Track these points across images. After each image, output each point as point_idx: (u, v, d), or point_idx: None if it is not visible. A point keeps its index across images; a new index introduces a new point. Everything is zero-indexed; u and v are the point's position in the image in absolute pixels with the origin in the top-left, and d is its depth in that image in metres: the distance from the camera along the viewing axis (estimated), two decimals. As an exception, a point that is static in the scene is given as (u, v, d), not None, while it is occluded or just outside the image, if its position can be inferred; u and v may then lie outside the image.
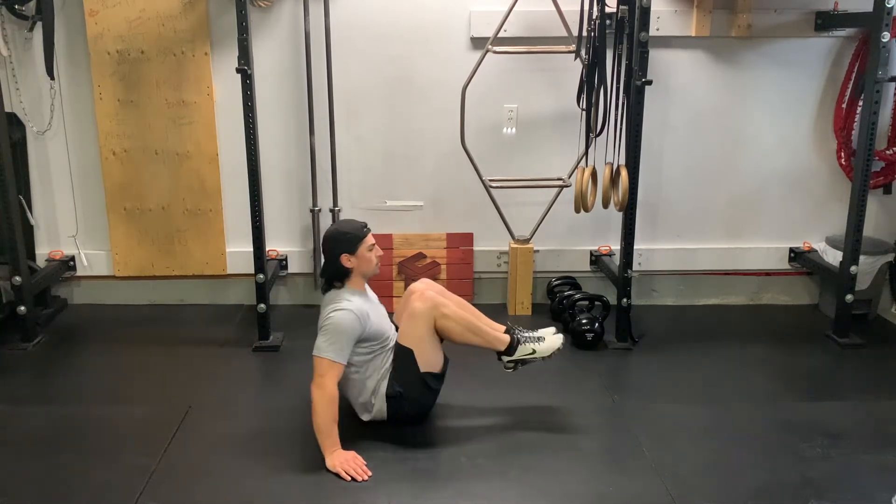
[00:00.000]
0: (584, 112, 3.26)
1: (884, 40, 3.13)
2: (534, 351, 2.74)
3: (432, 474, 2.48)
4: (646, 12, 3.07)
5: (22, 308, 3.36)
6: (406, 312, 2.69)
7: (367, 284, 2.81)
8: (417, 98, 3.68)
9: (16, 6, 3.40)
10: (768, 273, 3.97)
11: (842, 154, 3.76)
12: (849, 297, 3.43)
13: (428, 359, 2.67)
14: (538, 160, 3.76)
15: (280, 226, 3.78)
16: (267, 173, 3.54)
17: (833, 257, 3.65)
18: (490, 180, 3.64)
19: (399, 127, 3.72)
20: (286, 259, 3.83)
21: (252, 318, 3.47)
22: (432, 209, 3.84)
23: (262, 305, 3.37)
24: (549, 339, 2.77)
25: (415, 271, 3.83)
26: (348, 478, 2.41)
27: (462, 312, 2.71)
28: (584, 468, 2.52)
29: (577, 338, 3.40)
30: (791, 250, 3.90)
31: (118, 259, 3.79)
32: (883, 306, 3.83)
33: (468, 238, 3.86)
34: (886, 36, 3.13)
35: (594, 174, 3.24)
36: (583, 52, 3.28)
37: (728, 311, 3.92)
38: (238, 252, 3.77)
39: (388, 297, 3.83)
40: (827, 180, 3.84)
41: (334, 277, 2.69)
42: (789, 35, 3.62)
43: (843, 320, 3.48)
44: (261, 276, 3.33)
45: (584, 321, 3.43)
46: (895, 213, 3.86)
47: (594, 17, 3.10)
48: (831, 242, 3.76)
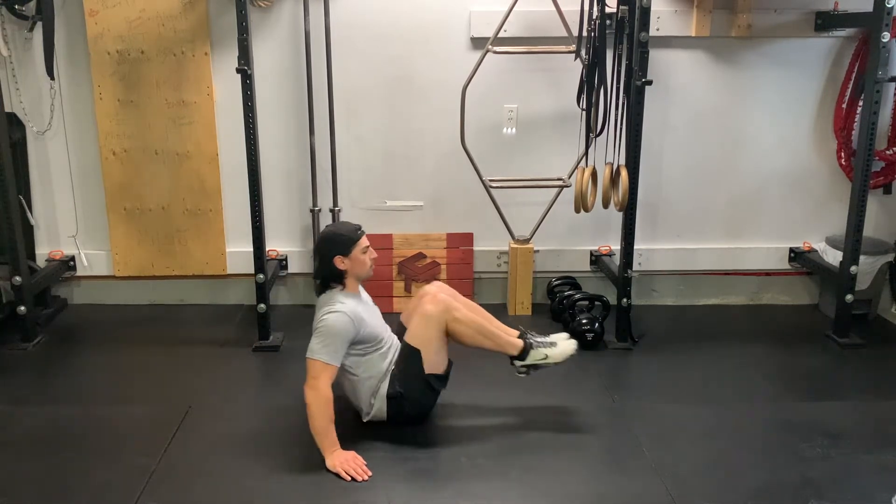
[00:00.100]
0: (584, 112, 3.26)
1: (884, 40, 3.13)
2: (546, 356, 2.74)
3: (432, 474, 2.48)
4: (646, 12, 3.07)
5: (22, 308, 3.36)
6: (417, 313, 2.68)
7: (362, 286, 2.80)
8: (417, 98, 3.68)
9: (16, 6, 3.40)
10: (768, 273, 3.97)
11: (842, 154, 3.76)
12: (849, 297, 3.43)
13: (433, 361, 2.67)
14: (538, 160, 3.76)
15: (280, 226, 3.78)
16: (267, 173, 3.54)
17: (833, 257, 3.65)
18: (490, 180, 3.64)
19: (399, 127, 3.72)
20: (286, 259, 3.83)
21: (252, 318, 3.47)
22: (432, 209, 3.84)
23: (262, 305, 3.37)
24: (562, 345, 2.77)
25: (415, 271, 3.83)
26: (348, 478, 2.41)
27: (474, 316, 2.71)
28: (585, 468, 2.52)
29: (577, 338, 3.36)
30: (791, 250, 3.91)
31: (118, 259, 3.79)
32: (883, 306, 3.83)
33: (468, 238, 3.86)
34: (886, 36, 3.13)
35: (594, 174, 3.24)
36: (583, 52, 3.28)
37: (728, 311, 3.92)
38: (238, 252, 3.77)
39: (388, 297, 3.84)
40: (827, 180, 3.84)
41: (328, 279, 2.68)
42: (789, 35, 3.62)
43: (843, 320, 3.48)
44: (261, 276, 3.33)
45: (584, 321, 3.43)
46: (895, 213, 3.86)
47: (594, 17, 3.10)
48: (831, 242, 3.76)
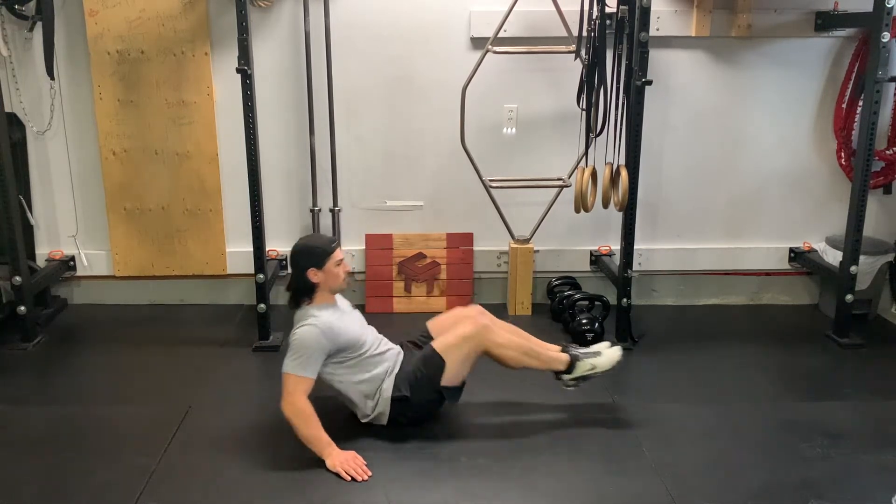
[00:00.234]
0: (584, 112, 3.25)
1: (884, 40, 3.13)
2: (593, 367, 2.74)
3: (432, 474, 2.48)
4: (646, 12, 3.07)
5: (22, 308, 3.36)
6: (455, 331, 2.67)
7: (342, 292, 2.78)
8: (417, 98, 3.68)
9: (16, 6, 3.40)
10: (768, 273, 3.97)
11: (842, 154, 3.76)
12: (849, 297, 3.43)
13: (452, 375, 2.66)
14: (538, 160, 3.76)
15: (280, 226, 3.78)
16: (267, 173, 3.54)
17: (833, 257, 3.65)
18: (490, 180, 3.64)
19: (399, 127, 3.72)
20: (286, 259, 3.83)
21: (252, 318, 3.47)
22: (432, 209, 3.84)
23: (262, 305, 3.37)
24: (607, 353, 2.78)
25: (415, 271, 3.83)
26: (348, 478, 2.41)
27: (516, 339, 2.72)
28: (585, 468, 2.52)
29: (577, 338, 3.40)
30: (791, 250, 3.90)
31: (118, 259, 3.79)
32: (883, 306, 3.83)
33: (468, 238, 3.86)
34: (886, 36, 3.13)
35: (594, 174, 3.24)
36: (583, 52, 3.28)
37: (728, 311, 3.92)
38: (238, 252, 3.77)
39: (388, 297, 3.84)
40: (827, 180, 3.84)
41: (300, 292, 2.67)
42: (789, 35, 3.62)
43: (843, 320, 3.48)
44: (261, 276, 3.33)
45: (584, 321, 3.43)
46: (895, 213, 3.86)
47: (594, 17, 3.10)
48: (831, 242, 3.76)
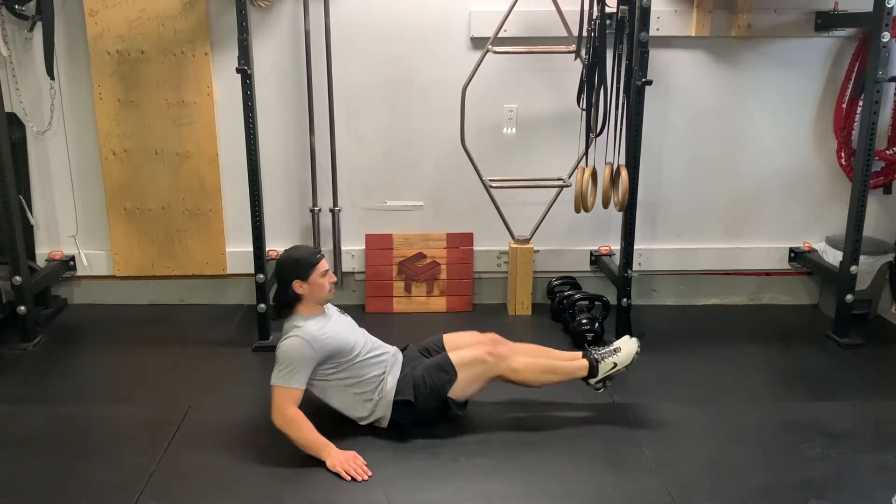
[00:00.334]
0: (584, 112, 3.25)
1: (884, 40, 3.13)
2: (615, 364, 2.76)
3: (432, 474, 2.47)
4: (646, 12, 3.07)
5: (22, 308, 3.36)
6: (472, 350, 2.69)
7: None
8: (417, 98, 3.68)
9: (16, 6, 3.39)
10: (768, 273, 3.97)
11: (842, 154, 3.76)
12: (849, 297, 3.43)
13: (461, 392, 2.67)
14: (538, 160, 3.76)
15: (280, 226, 3.78)
16: (267, 173, 3.54)
17: (833, 257, 3.65)
18: (490, 180, 3.64)
19: (399, 127, 3.72)
20: (286, 259, 3.83)
21: (252, 318, 3.47)
22: (432, 209, 3.84)
23: (262, 305, 3.37)
24: (626, 347, 2.79)
25: (415, 271, 3.83)
26: (348, 478, 2.41)
27: (533, 360, 2.73)
28: (584, 468, 2.52)
29: (577, 338, 3.40)
30: (791, 250, 3.90)
31: (118, 259, 3.79)
32: (883, 306, 3.83)
33: (468, 238, 3.86)
34: (886, 36, 3.13)
35: (594, 174, 3.24)
36: (583, 52, 3.28)
37: (728, 311, 3.92)
38: (238, 252, 3.77)
39: (388, 297, 3.84)
40: (827, 180, 3.84)
41: (285, 304, 2.68)
42: (789, 35, 3.62)
43: (843, 320, 3.48)
44: (261, 276, 3.33)
45: (584, 321, 3.43)
46: (895, 213, 3.86)
47: (594, 17, 3.10)
48: (831, 242, 3.76)
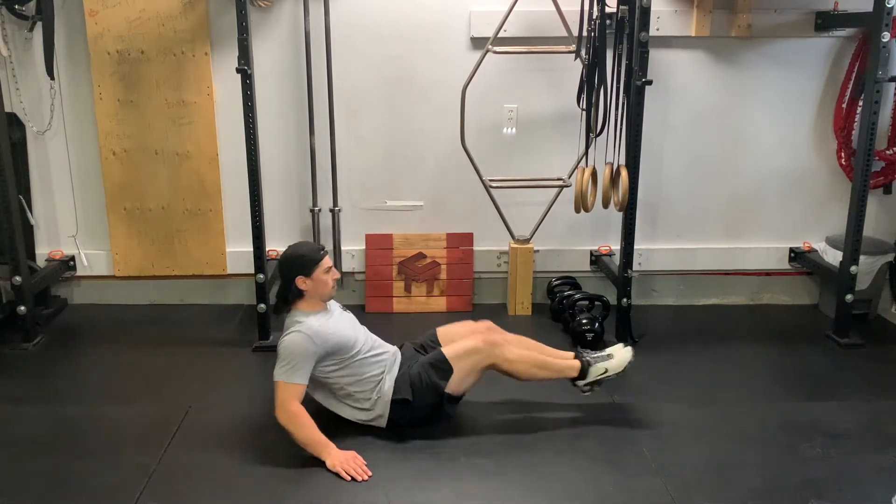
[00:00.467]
0: (584, 112, 3.25)
1: (884, 40, 3.13)
2: (606, 370, 2.75)
3: (432, 474, 2.47)
4: (646, 12, 3.07)
5: (22, 308, 3.36)
6: (465, 341, 2.69)
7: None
8: (417, 98, 3.68)
9: (16, 6, 3.39)
10: (768, 273, 3.97)
11: (842, 154, 3.76)
12: (849, 297, 3.43)
13: (458, 385, 2.67)
14: (538, 160, 3.76)
15: (280, 226, 3.78)
16: (267, 173, 3.54)
17: (833, 257, 3.65)
18: (490, 180, 3.64)
19: (399, 127, 3.72)
20: (286, 259, 3.83)
21: (252, 318, 3.47)
22: (432, 209, 3.84)
23: (262, 305, 3.37)
24: (619, 355, 2.79)
25: (415, 271, 3.83)
26: (348, 478, 2.41)
27: (526, 352, 2.73)
28: (584, 468, 2.52)
29: (577, 338, 3.40)
30: (791, 250, 3.90)
31: (118, 259, 3.79)
32: (883, 306, 3.82)
33: (468, 238, 3.86)
34: (886, 36, 3.13)
35: (594, 174, 3.24)
36: (583, 52, 3.28)
37: (728, 311, 3.92)
38: (238, 252, 3.77)
39: (388, 297, 3.84)
40: (827, 180, 3.84)
41: (288, 300, 2.68)
42: (789, 35, 3.62)
43: (843, 320, 3.48)
44: (261, 276, 3.33)
45: (584, 321, 3.43)
46: (895, 213, 3.86)
47: (594, 17, 3.10)
48: (831, 242, 3.76)
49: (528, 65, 3.61)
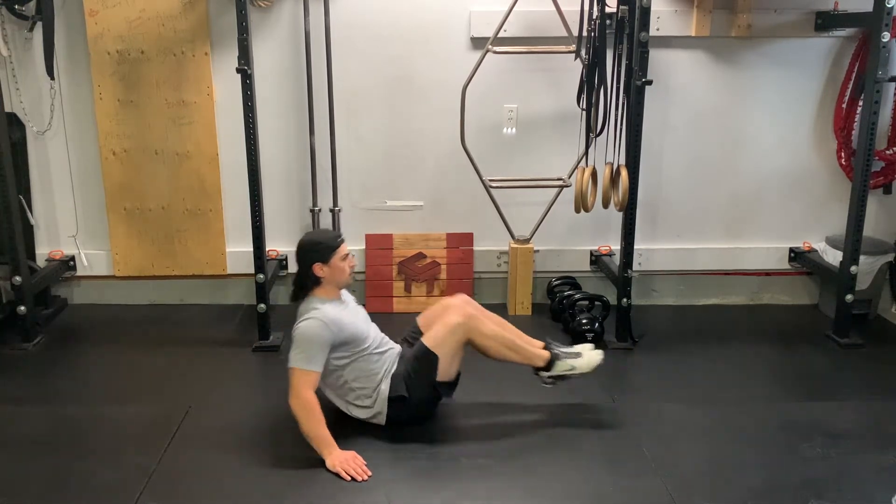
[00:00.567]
0: (584, 112, 3.26)
1: (884, 40, 3.13)
2: (573, 367, 2.76)
3: (432, 474, 2.48)
4: (646, 12, 3.07)
5: (22, 308, 3.36)
6: (442, 321, 2.68)
7: (345, 289, 2.79)
8: (417, 98, 3.68)
9: (16, 6, 3.40)
10: (768, 273, 3.97)
11: (842, 154, 3.76)
12: (849, 297, 3.43)
13: (446, 369, 2.67)
14: (538, 160, 3.76)
15: (280, 226, 3.78)
16: (267, 173, 3.54)
17: (833, 257, 3.65)
18: (490, 180, 3.64)
19: (399, 127, 3.72)
20: (286, 259, 3.83)
21: (252, 318, 3.47)
22: (432, 209, 3.84)
23: (262, 305, 3.37)
24: (588, 355, 2.79)
25: (415, 271, 3.83)
26: (348, 478, 2.41)
27: (500, 330, 2.73)
28: (585, 468, 2.52)
29: (577, 338, 3.40)
30: (791, 250, 3.91)
31: (118, 259, 3.79)
32: (883, 306, 3.82)
33: (468, 238, 3.86)
34: (886, 36, 3.13)
35: (594, 174, 3.24)
36: (583, 52, 3.28)
37: (728, 311, 3.92)
38: (238, 252, 3.77)
39: (388, 297, 3.84)
40: (827, 180, 3.84)
41: (305, 287, 2.68)
42: (789, 35, 3.62)
43: (843, 320, 3.48)
44: (261, 276, 3.33)
45: (584, 321, 3.43)
46: (895, 213, 3.86)
47: (594, 17, 3.10)
48: (831, 242, 3.76)
49: (528, 65, 3.61)
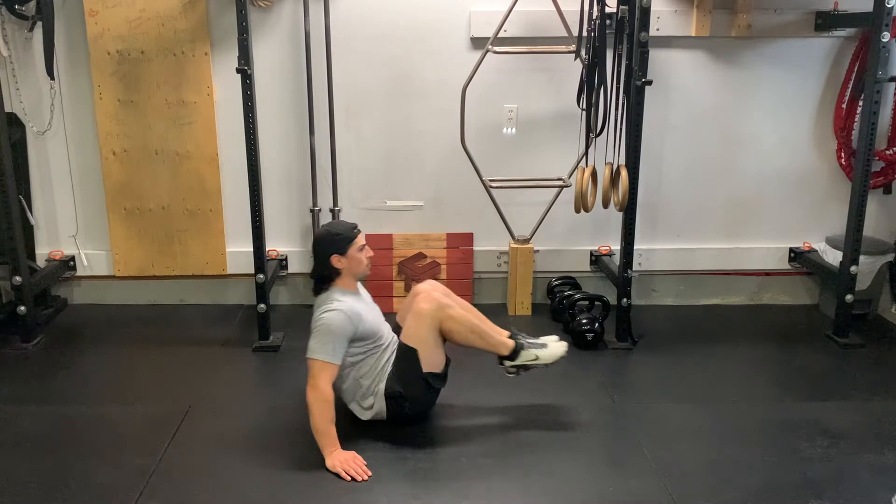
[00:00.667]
0: (584, 112, 3.26)
1: (884, 40, 3.13)
2: (537, 357, 2.75)
3: (432, 474, 2.48)
4: (646, 12, 3.07)
5: (22, 308, 3.36)
6: (411, 312, 2.69)
7: (362, 283, 2.81)
8: (417, 98, 3.68)
9: (16, 6, 3.40)
10: (768, 273, 3.97)
11: (842, 154, 3.76)
12: (849, 297, 3.43)
13: (431, 359, 2.67)
14: (538, 160, 3.76)
15: (280, 226, 3.78)
16: (267, 173, 3.54)
17: (833, 257, 3.65)
18: (490, 180, 3.64)
19: (399, 127, 3.72)
20: (286, 259, 3.84)
21: (252, 318, 3.47)
22: (432, 209, 3.84)
23: (262, 305, 3.37)
24: (553, 347, 2.78)
25: (415, 271, 3.83)
26: (348, 478, 2.41)
27: (467, 315, 2.72)
28: (584, 468, 2.52)
29: (577, 338, 3.40)
30: (791, 250, 3.91)
31: (118, 259, 3.79)
32: (883, 306, 3.83)
33: (468, 238, 3.86)
34: (886, 36, 3.13)
35: (594, 174, 3.24)
36: (583, 52, 3.28)
37: (728, 311, 3.92)
38: (238, 252, 3.77)
39: (388, 297, 3.84)
40: (827, 180, 3.84)
41: (324, 278, 2.69)
42: (789, 35, 3.62)
43: (843, 320, 3.48)
44: (261, 276, 3.33)
45: (584, 321, 3.43)
46: (895, 213, 3.86)
47: (594, 17, 3.10)
48: (831, 242, 3.76)
49: (528, 65, 3.61)
